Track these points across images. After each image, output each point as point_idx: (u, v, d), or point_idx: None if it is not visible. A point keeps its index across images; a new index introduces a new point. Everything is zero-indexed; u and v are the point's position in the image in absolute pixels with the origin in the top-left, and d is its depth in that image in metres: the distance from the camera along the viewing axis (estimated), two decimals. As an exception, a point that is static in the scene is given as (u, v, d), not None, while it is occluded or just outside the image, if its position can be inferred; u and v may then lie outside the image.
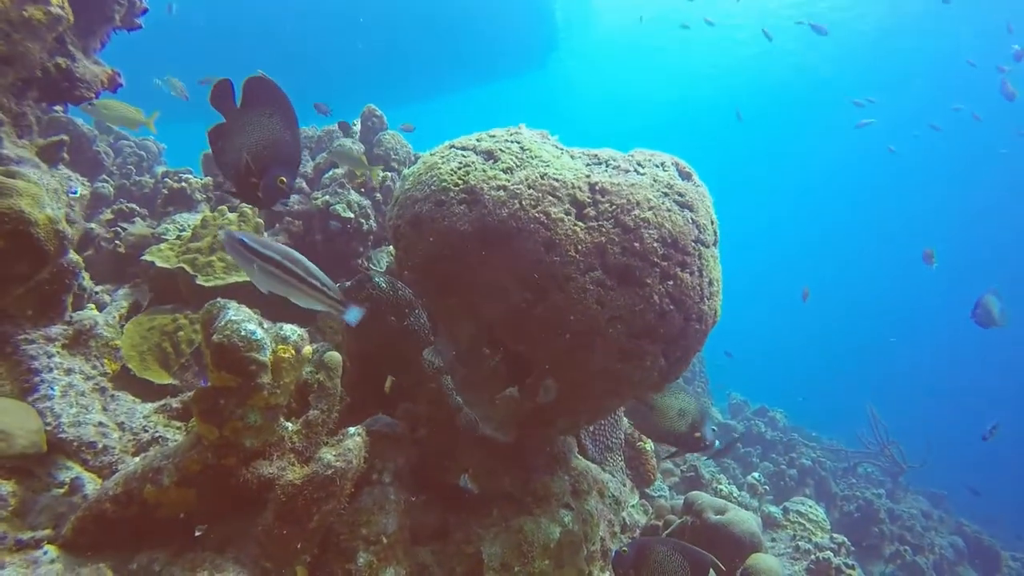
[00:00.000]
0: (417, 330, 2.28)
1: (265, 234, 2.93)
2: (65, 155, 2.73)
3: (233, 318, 1.63)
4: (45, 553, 1.82)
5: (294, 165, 1.54)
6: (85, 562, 1.79)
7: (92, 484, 2.08)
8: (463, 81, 21.16)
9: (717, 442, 2.07)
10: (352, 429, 1.88)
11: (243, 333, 1.61)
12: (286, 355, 1.66)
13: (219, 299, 1.78)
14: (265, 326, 1.70)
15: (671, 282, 2.04)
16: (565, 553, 2.14)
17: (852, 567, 3.94)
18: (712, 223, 2.24)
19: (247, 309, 1.73)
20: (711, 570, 1.98)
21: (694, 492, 3.00)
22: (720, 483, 4.87)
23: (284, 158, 1.51)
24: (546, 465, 2.37)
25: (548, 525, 2.15)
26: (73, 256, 2.15)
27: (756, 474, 5.94)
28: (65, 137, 2.72)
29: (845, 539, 4.41)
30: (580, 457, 2.64)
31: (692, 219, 2.14)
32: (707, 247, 2.18)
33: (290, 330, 1.71)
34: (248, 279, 2.76)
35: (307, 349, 1.73)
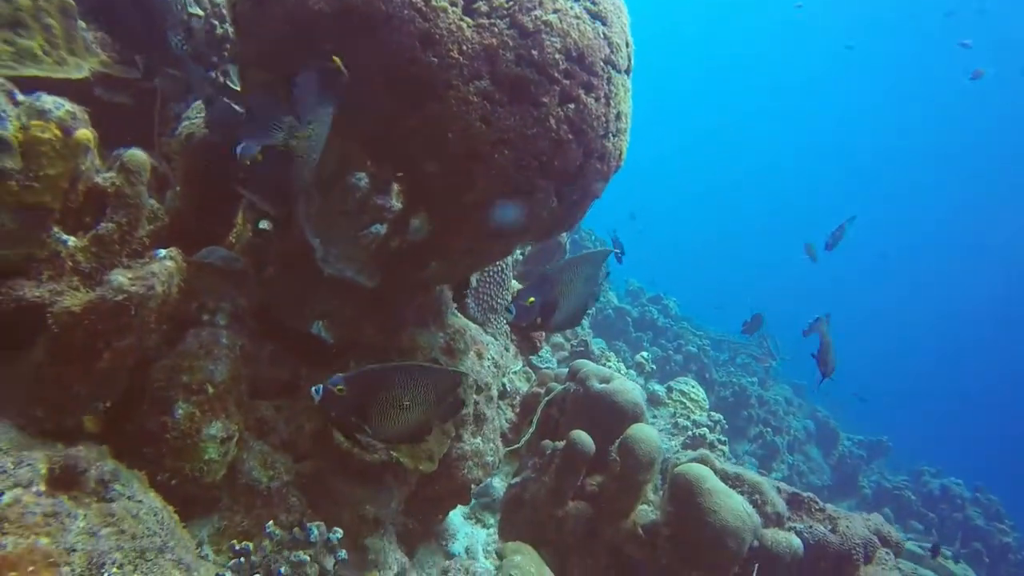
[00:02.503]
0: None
1: (82, 23, 2.29)
2: None
3: (-38, 76, 1.16)
4: None
5: None
6: None
7: None
8: None
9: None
10: (163, 251, 1.49)
11: (-29, 95, 1.14)
12: (45, 135, 1.22)
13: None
14: (18, 96, 1.23)
15: (572, 105, 1.71)
16: (429, 411, 1.92)
17: (724, 443, 4.12)
18: (627, 45, 1.91)
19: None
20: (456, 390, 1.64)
21: (580, 360, 2.87)
22: (609, 360, 4.90)
23: None
24: (417, 317, 2.10)
25: (412, 381, 1.91)
26: None
27: (645, 353, 6.08)
28: None
29: (721, 417, 4.60)
30: (459, 315, 2.39)
31: (604, 34, 1.79)
32: (619, 72, 1.86)
33: (52, 102, 1.25)
34: (55, 76, 2.17)
35: (83, 132, 1.28)
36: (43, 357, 1.34)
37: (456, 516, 2.81)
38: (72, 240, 1.40)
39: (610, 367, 4.83)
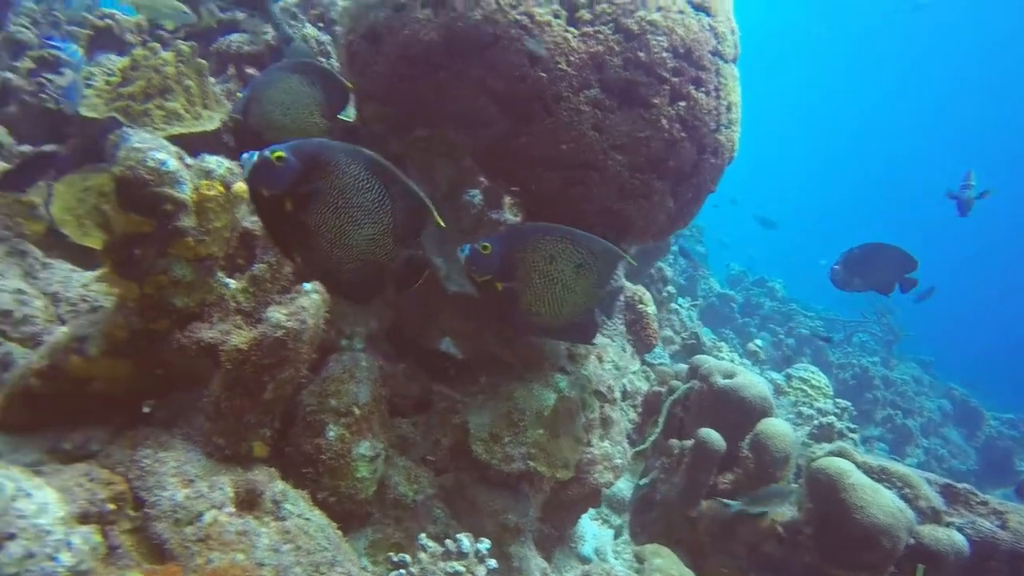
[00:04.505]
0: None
1: (211, 80, 2.51)
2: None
3: (138, 145, 1.29)
4: (-25, 435, 1.60)
5: None
6: (20, 445, 1.57)
7: (24, 359, 1.84)
8: None
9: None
10: (308, 285, 1.60)
11: (151, 164, 1.28)
12: (212, 192, 1.34)
13: (125, 128, 1.43)
14: (187, 160, 1.37)
15: (683, 103, 1.68)
16: (560, 421, 1.94)
17: (854, 431, 3.88)
18: (733, 32, 1.85)
19: (160, 138, 1.39)
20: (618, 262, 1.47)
21: (699, 356, 2.80)
22: (722, 350, 4.75)
23: None
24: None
25: (541, 391, 1.94)
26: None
27: (758, 341, 5.84)
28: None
29: (849, 404, 4.34)
30: (576, 320, 2.40)
31: (710, 25, 1.74)
32: (726, 62, 1.80)
33: (215, 161, 1.37)
34: (195, 130, 2.39)
35: (239, 185, 1.40)
36: (219, 391, 1.47)
37: (583, 517, 2.82)
38: (233, 283, 1.53)
39: (723, 358, 4.69)
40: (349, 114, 2.77)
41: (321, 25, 2.95)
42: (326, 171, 1.09)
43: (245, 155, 1.05)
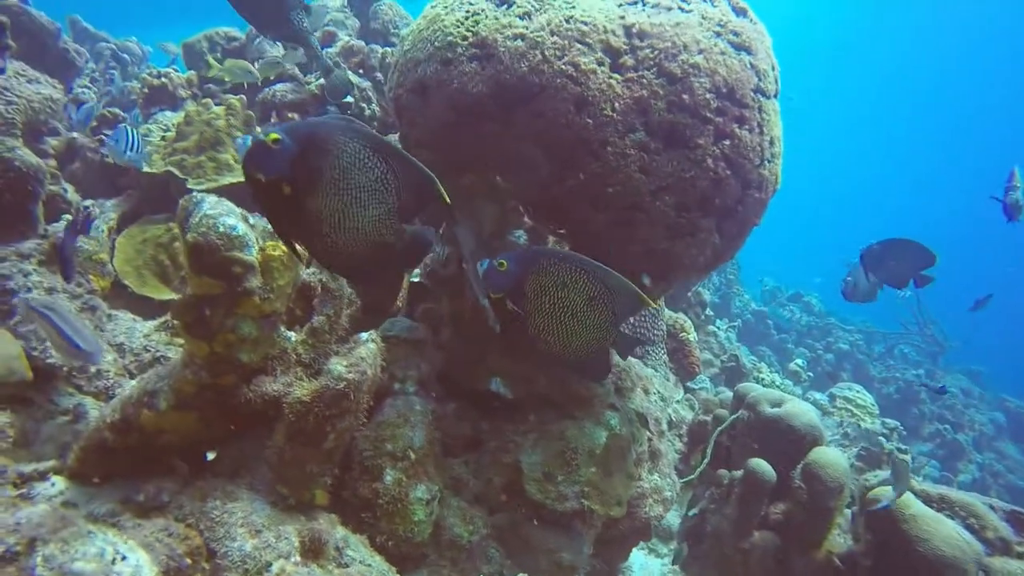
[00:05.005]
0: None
1: (258, 128, 2.61)
2: (10, 42, 2.37)
3: (209, 212, 1.36)
4: (52, 485, 1.66)
5: None
6: (95, 495, 1.63)
7: (97, 410, 1.92)
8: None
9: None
10: (364, 335, 1.64)
11: (221, 229, 1.34)
12: (276, 252, 1.40)
13: (195, 193, 1.50)
14: (251, 221, 1.43)
15: (727, 142, 1.69)
16: (613, 458, 1.94)
17: (905, 451, 3.77)
18: (773, 68, 1.86)
19: (228, 203, 1.45)
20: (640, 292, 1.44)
21: (744, 384, 2.78)
22: (762, 371, 4.68)
23: None
24: (586, 363, 2.14)
25: (593, 429, 1.94)
26: (31, 159, 1.87)
27: (799, 360, 5.74)
28: (2, 18, 2.34)
29: (898, 424, 4.23)
30: (621, 353, 2.40)
31: (751, 63, 1.76)
32: (768, 98, 1.81)
33: (277, 227, 1.43)
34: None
35: (300, 245, 1.45)
36: (282, 442, 1.52)
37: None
38: (294, 335, 1.58)
39: (764, 379, 4.62)
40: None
41: (361, 72, 3.04)
42: (325, 151, 1.02)
43: (239, 139, 0.98)
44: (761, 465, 2.42)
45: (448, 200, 1.09)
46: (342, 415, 1.53)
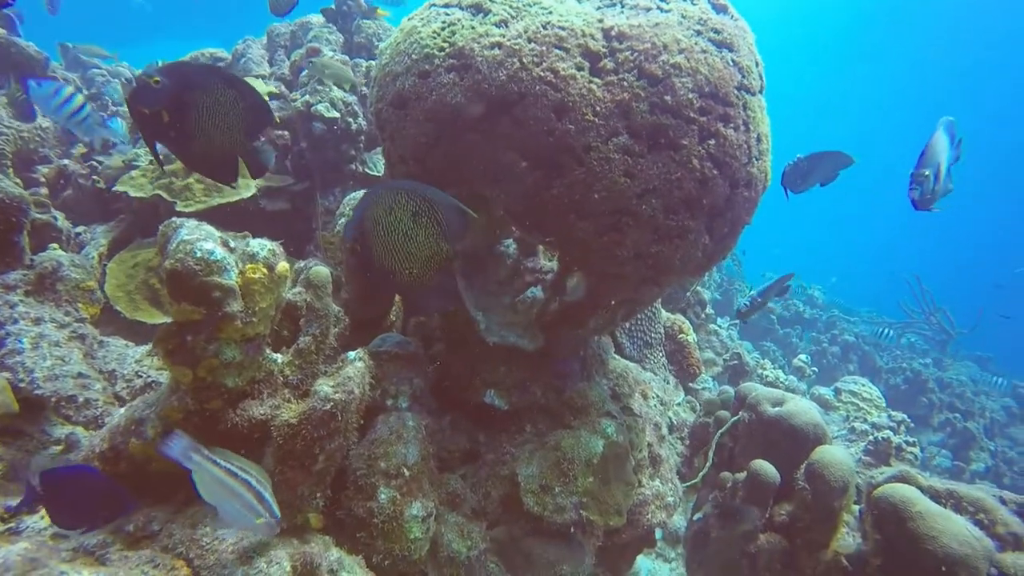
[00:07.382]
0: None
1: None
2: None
3: (186, 238, 1.34)
4: (42, 518, 1.65)
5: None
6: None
7: (89, 441, 1.90)
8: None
9: None
10: (352, 354, 1.62)
11: (199, 255, 1.32)
12: (256, 275, 1.38)
13: (173, 219, 1.48)
14: (231, 244, 1.41)
15: (712, 141, 1.67)
16: (611, 467, 1.91)
17: (913, 444, 3.73)
18: (757, 64, 1.83)
19: (207, 227, 1.44)
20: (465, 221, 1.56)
21: (746, 384, 2.74)
22: (765, 368, 4.64)
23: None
24: (581, 370, 2.11)
25: (589, 438, 1.91)
26: (13, 190, 1.86)
27: (803, 356, 5.69)
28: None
29: (905, 416, 4.18)
30: (617, 357, 2.38)
31: (733, 60, 1.73)
32: (752, 95, 1.79)
33: (258, 244, 1.41)
34: (233, 200, 2.46)
35: (282, 265, 1.43)
36: (272, 465, 1.49)
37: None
38: (279, 357, 1.56)
39: (768, 376, 4.58)
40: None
41: (347, 87, 3.03)
42: (193, 85, 1.34)
43: (125, 80, 1.26)
44: (764, 466, 2.38)
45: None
46: (331, 436, 1.50)
